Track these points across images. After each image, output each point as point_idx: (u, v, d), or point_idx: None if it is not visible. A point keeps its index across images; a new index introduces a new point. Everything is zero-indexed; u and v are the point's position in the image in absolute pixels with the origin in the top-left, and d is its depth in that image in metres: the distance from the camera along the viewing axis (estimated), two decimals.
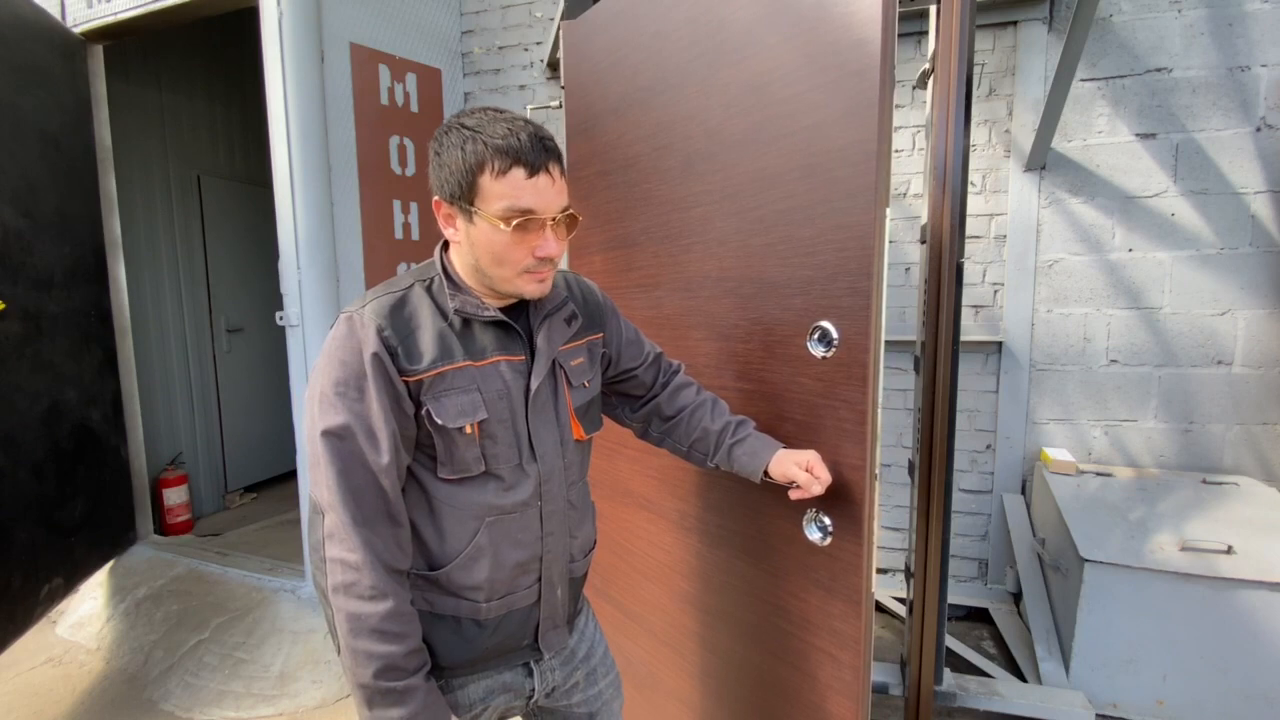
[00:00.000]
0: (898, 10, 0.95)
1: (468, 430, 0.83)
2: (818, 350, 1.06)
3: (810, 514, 1.10)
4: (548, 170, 0.81)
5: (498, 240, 0.81)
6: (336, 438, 0.79)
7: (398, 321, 0.82)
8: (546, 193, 0.81)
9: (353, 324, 0.81)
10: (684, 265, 1.32)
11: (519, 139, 0.79)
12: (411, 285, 0.87)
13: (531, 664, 0.96)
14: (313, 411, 0.80)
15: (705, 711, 1.42)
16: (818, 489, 0.99)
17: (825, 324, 1.05)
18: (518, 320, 0.90)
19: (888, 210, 0.97)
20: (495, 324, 0.88)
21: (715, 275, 1.25)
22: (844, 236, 1.00)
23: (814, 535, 1.10)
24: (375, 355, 0.79)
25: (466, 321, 0.86)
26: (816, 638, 1.13)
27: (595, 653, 1.06)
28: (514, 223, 0.80)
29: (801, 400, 1.10)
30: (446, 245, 0.91)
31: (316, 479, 0.80)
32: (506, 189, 0.79)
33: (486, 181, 0.80)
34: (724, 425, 1.08)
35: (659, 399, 1.12)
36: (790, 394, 1.12)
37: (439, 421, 0.81)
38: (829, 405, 1.06)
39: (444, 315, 0.85)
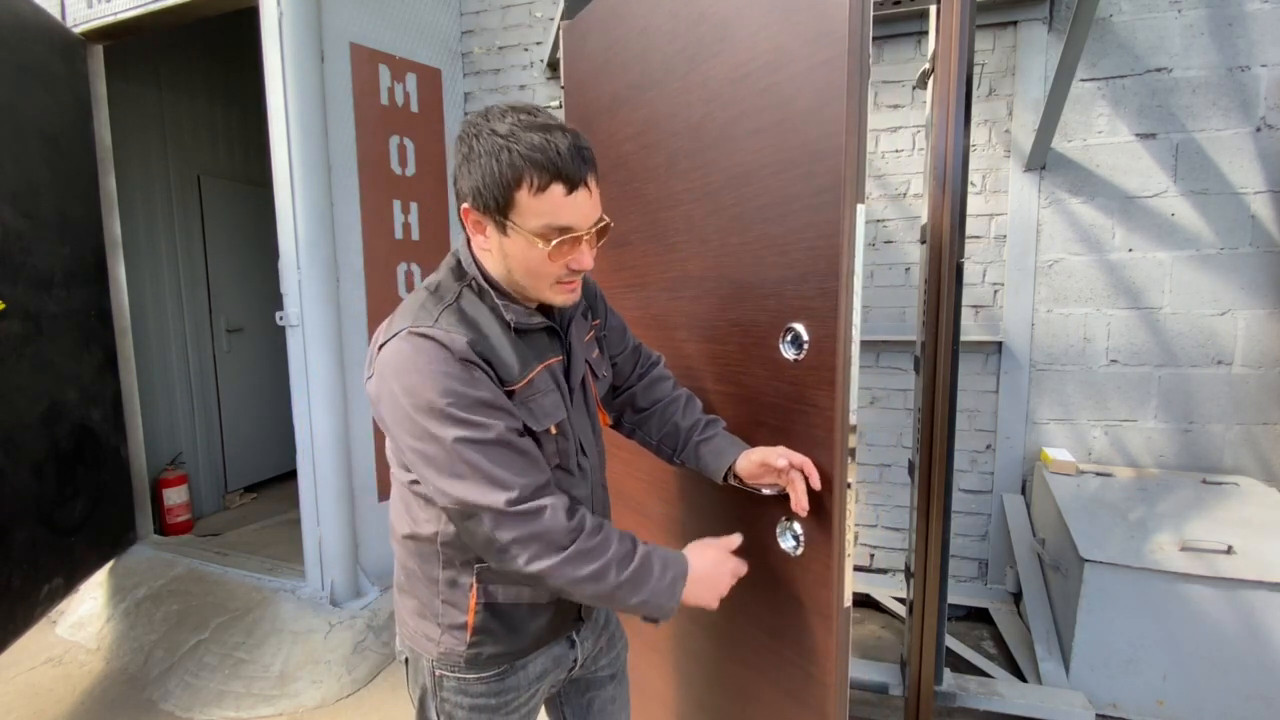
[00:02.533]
0: None
1: (552, 431, 0.87)
2: (789, 353, 1.02)
3: (784, 523, 1.07)
4: (586, 184, 0.79)
5: (533, 256, 0.80)
6: (470, 443, 0.76)
7: (473, 334, 0.80)
8: (584, 207, 0.79)
9: (437, 339, 0.78)
10: (669, 265, 1.31)
11: (558, 150, 0.75)
12: (460, 292, 0.85)
13: (574, 635, 1.01)
14: (431, 430, 0.77)
15: (684, 717, 1.41)
16: (804, 474, 0.96)
17: (796, 326, 1.00)
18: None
19: (860, 207, 0.92)
20: (542, 330, 0.90)
21: (698, 275, 1.23)
22: (814, 235, 0.96)
23: (787, 544, 1.06)
24: (473, 364, 0.78)
25: (518, 328, 0.87)
26: (789, 650, 1.10)
27: (612, 618, 1.12)
28: (554, 243, 0.78)
29: (776, 405, 1.07)
30: (468, 242, 0.90)
31: (465, 488, 0.77)
32: (545, 206, 0.77)
33: (523, 197, 0.77)
34: (694, 423, 1.07)
35: (635, 389, 1.12)
36: (765, 398, 1.09)
37: (532, 427, 0.84)
38: (800, 410, 1.02)
39: (504, 323, 0.85)
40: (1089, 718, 1.73)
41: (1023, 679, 1.97)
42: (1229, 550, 1.75)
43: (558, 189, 0.76)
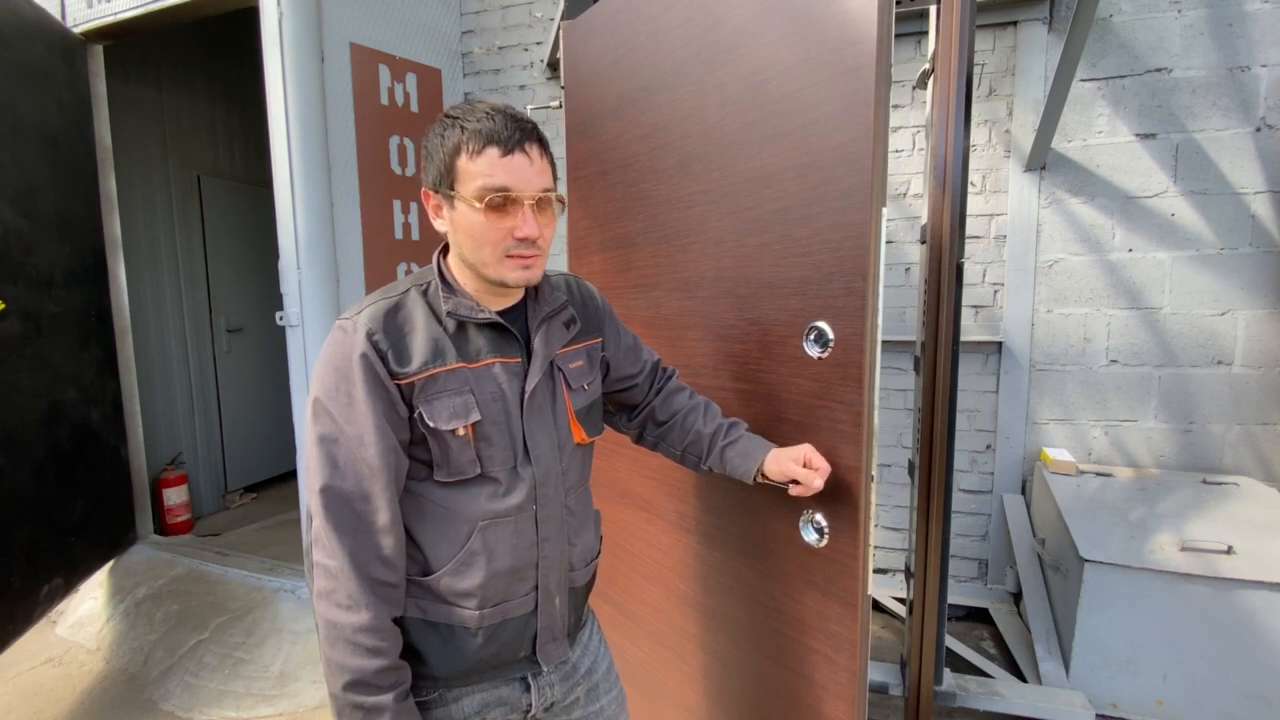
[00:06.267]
0: (894, 8, 0.94)
1: (460, 432, 0.83)
2: (813, 351, 1.06)
3: (806, 515, 1.09)
4: (523, 149, 0.81)
5: (475, 221, 0.81)
6: (327, 443, 0.79)
7: (390, 326, 0.82)
8: (523, 172, 0.81)
9: (344, 331, 0.82)
10: (681, 265, 1.32)
11: (494, 121, 0.81)
12: (407, 290, 0.87)
13: (529, 677, 0.93)
14: (308, 417, 0.81)
15: (703, 714, 1.42)
16: (819, 483, 0.98)
17: (821, 324, 1.04)
18: (515, 323, 0.90)
19: (884, 209, 0.97)
20: (490, 326, 0.87)
21: (712, 275, 1.25)
22: (839, 236, 1.00)
23: (810, 537, 1.09)
24: (364, 357, 0.79)
25: (461, 324, 0.86)
26: (813, 640, 1.12)
27: (598, 668, 1.02)
28: (487, 199, 0.80)
29: (797, 401, 1.10)
30: (445, 250, 0.91)
31: (309, 484, 0.80)
32: (481, 168, 0.80)
33: (463, 163, 0.81)
34: (716, 428, 1.07)
35: (653, 404, 1.12)
36: (786, 395, 1.12)
37: (431, 424, 0.81)
38: (824, 406, 1.05)
39: (438, 318, 0.85)
40: (1089, 718, 1.73)
41: (1023, 679, 1.97)
42: (1229, 550, 1.75)
43: (493, 151, 0.80)
